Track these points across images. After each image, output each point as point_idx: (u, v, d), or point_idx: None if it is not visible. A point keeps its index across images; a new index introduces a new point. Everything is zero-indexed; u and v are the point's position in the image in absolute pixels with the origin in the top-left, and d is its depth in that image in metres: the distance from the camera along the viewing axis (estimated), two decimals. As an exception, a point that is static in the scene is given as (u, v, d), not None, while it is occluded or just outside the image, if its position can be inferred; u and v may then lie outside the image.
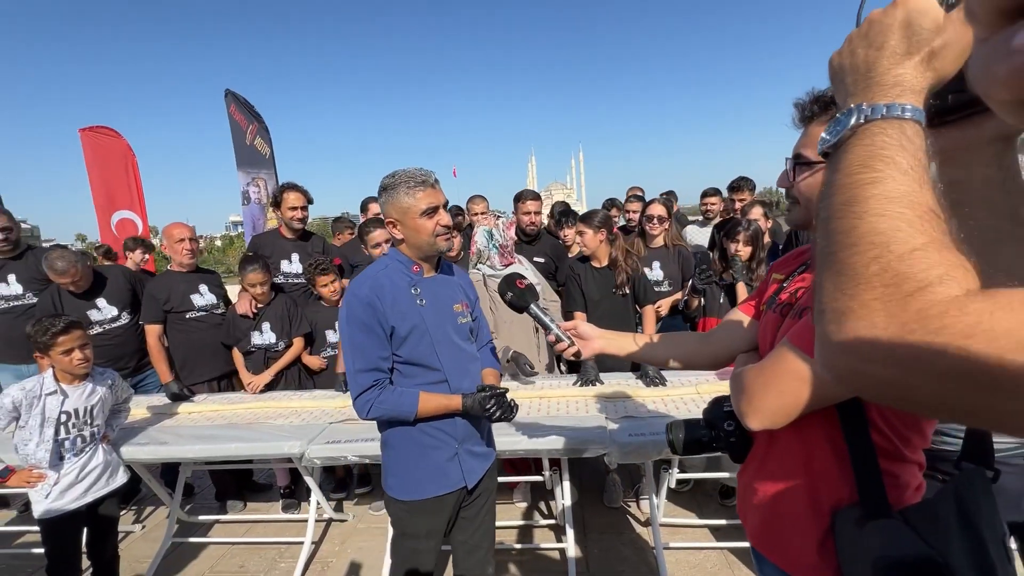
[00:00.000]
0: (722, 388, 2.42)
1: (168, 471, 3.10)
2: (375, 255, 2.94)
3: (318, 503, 2.64)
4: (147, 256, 4.68)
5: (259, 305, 2.98)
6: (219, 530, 2.95)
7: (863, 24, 0.51)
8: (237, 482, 3.23)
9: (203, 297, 3.05)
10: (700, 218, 4.53)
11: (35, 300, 3.08)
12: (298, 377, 3.13)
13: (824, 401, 0.83)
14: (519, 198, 3.44)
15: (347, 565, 2.56)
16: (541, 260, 3.31)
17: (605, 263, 2.79)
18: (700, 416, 1.16)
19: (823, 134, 0.52)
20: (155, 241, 6.51)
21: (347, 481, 3.28)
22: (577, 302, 2.80)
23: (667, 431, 1.16)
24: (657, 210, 3.18)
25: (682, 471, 2.53)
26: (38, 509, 2.02)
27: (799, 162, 0.90)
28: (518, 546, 2.56)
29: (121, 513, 2.74)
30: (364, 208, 3.91)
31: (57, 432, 2.02)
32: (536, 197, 3.46)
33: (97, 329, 2.97)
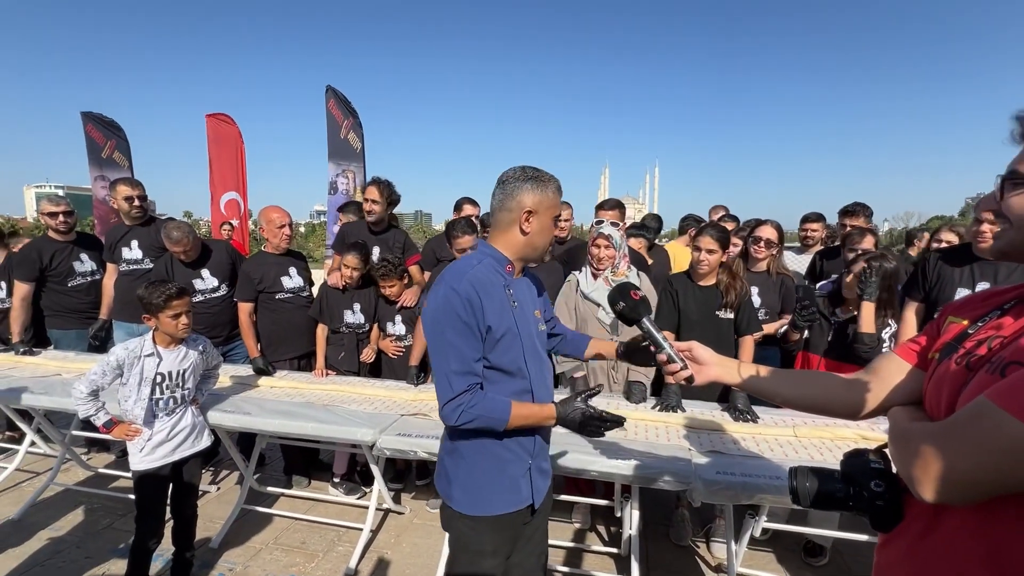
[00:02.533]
0: (823, 433, 2.17)
1: (244, 439, 3.26)
2: (457, 257, 2.93)
3: (379, 492, 2.65)
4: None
5: (348, 285, 3.08)
6: (284, 503, 3.05)
7: None
8: (304, 459, 3.34)
9: (292, 280, 3.19)
10: (798, 244, 4.18)
11: (151, 266, 3.37)
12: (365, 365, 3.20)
13: None
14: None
15: (402, 559, 2.55)
16: None
17: (712, 282, 2.59)
18: (827, 465, 1.01)
19: None
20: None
21: (405, 472, 3.31)
22: (668, 319, 2.60)
23: (791, 476, 1.01)
24: (767, 232, 2.90)
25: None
26: (133, 461, 2.16)
27: (1017, 180, 0.74)
28: (566, 569, 2.44)
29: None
30: (458, 207, 3.94)
31: (152, 392, 2.15)
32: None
33: (199, 297, 3.19)
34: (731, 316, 2.55)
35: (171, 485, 2.27)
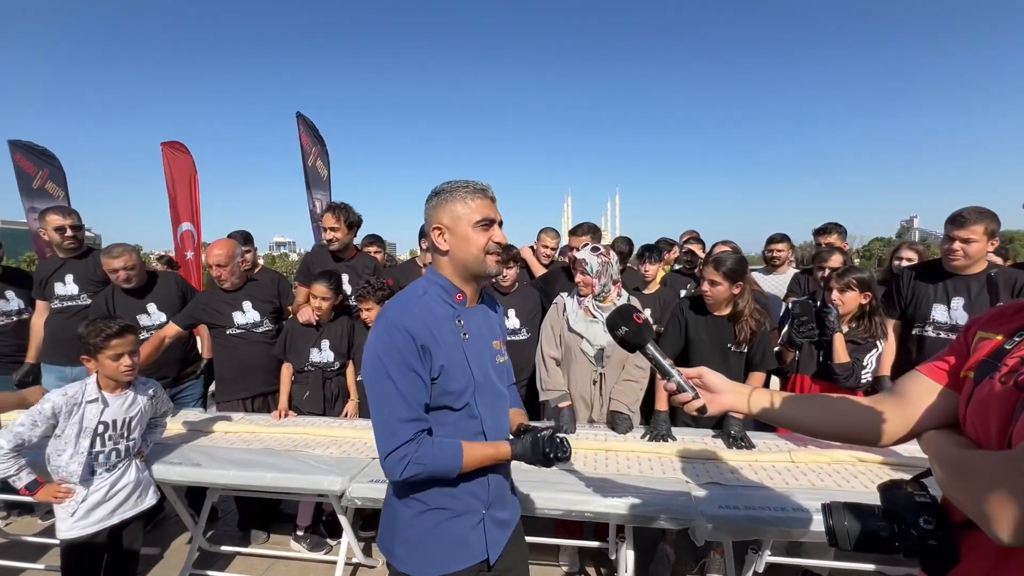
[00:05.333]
0: (819, 457, 2.10)
1: (193, 492, 2.94)
2: None
3: (349, 545, 2.40)
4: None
5: (319, 319, 2.88)
6: (240, 564, 2.73)
7: None
8: (263, 511, 3.03)
9: (245, 315, 2.95)
10: (763, 265, 4.25)
11: (89, 302, 3.06)
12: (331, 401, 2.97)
13: None
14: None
15: (374, 621, 2.29)
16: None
17: (726, 312, 2.40)
18: (859, 500, 0.92)
19: None
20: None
21: (376, 519, 3.04)
22: (673, 346, 2.46)
23: (825, 514, 0.92)
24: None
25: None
26: (62, 528, 1.88)
27: None
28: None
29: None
30: (423, 235, 3.85)
31: (92, 444, 1.91)
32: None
33: (145, 334, 2.90)
34: (743, 349, 2.40)
35: (106, 555, 1.98)
